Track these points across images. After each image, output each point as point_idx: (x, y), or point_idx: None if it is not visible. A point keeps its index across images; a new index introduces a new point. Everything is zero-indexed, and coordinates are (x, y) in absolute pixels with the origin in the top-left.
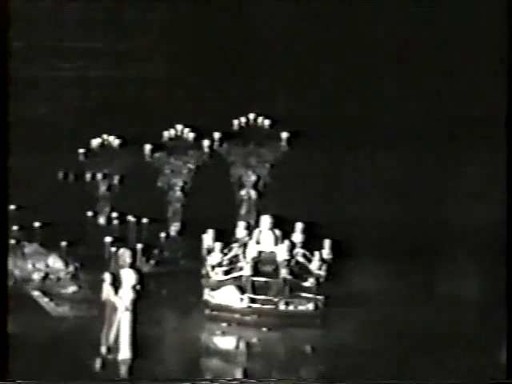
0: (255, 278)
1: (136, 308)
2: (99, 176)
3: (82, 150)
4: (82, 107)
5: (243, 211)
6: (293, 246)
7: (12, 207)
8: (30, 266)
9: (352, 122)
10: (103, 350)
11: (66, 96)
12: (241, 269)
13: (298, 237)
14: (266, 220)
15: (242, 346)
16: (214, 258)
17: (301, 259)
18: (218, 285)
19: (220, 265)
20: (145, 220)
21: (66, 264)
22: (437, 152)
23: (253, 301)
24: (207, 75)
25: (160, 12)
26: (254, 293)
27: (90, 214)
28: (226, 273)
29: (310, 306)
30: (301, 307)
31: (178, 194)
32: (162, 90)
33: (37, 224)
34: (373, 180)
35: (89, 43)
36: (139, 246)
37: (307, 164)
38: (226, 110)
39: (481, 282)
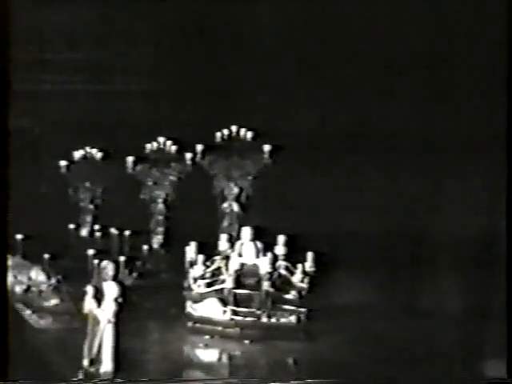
0: (237, 291)
1: (119, 320)
2: (81, 188)
3: (64, 163)
4: (64, 120)
5: (226, 224)
6: (275, 258)
7: None
8: (12, 279)
9: (335, 134)
10: (85, 362)
11: (47, 108)
12: (223, 281)
13: (280, 249)
14: (247, 232)
15: (225, 358)
16: (197, 270)
17: (283, 272)
18: (201, 297)
19: (202, 277)
20: (127, 232)
21: (49, 277)
22: (421, 163)
23: (235, 313)
24: (190, 87)
25: (143, 25)
26: (237, 305)
27: (72, 226)
28: (209, 285)
29: (293, 319)
30: (283, 320)
31: (161, 206)
32: (144, 103)
33: (19, 236)
34: (356, 192)
35: (71, 56)
36: (122, 258)
37: (290, 176)
38: (209, 122)
39: (469, 294)
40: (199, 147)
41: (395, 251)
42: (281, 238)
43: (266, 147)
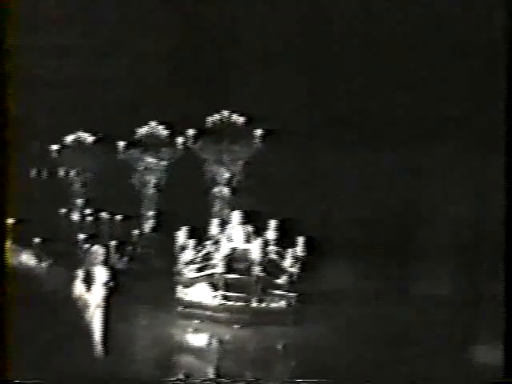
0: (228, 276)
1: (109, 305)
2: (72, 173)
3: (55, 147)
4: (56, 104)
5: (216, 208)
6: (266, 243)
7: None
8: None
9: (327, 119)
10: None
11: (39, 93)
12: (214, 266)
13: (271, 234)
14: (236, 216)
15: (215, 343)
16: (187, 255)
17: (274, 256)
18: (191, 282)
19: (193, 262)
20: (118, 217)
21: (39, 261)
22: (416, 148)
23: (225, 298)
24: (181, 72)
25: (133, 10)
26: (227, 290)
27: (63, 210)
28: (199, 270)
29: (283, 304)
30: (273, 304)
31: (152, 191)
32: (135, 88)
33: (10, 221)
34: (348, 177)
35: (62, 41)
36: (113, 242)
37: (281, 161)
38: (200, 107)
39: (460, 281)
40: (191, 132)
41: (387, 236)
42: (272, 223)
43: (258, 132)
